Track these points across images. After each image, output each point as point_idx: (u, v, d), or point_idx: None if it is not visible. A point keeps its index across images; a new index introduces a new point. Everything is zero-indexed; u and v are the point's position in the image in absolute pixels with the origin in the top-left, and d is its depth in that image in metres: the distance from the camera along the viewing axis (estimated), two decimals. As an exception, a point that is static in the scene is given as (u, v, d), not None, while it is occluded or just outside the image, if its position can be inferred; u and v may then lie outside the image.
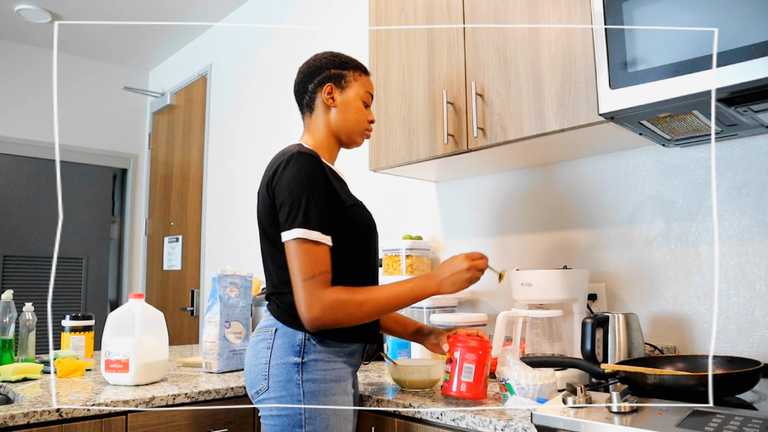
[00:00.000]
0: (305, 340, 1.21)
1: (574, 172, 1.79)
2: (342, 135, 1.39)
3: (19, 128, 3.88)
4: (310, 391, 1.19)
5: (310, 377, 1.20)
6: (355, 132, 1.39)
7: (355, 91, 1.39)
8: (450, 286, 1.23)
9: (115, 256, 4.41)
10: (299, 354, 1.21)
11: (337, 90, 1.38)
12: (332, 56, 1.42)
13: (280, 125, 3.05)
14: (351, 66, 1.41)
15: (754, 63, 1.02)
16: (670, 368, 1.24)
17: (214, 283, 1.78)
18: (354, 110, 1.38)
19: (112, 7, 3.40)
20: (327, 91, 1.37)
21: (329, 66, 1.39)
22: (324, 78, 1.38)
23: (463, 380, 1.23)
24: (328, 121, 1.38)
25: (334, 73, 1.39)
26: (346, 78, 1.39)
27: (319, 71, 1.39)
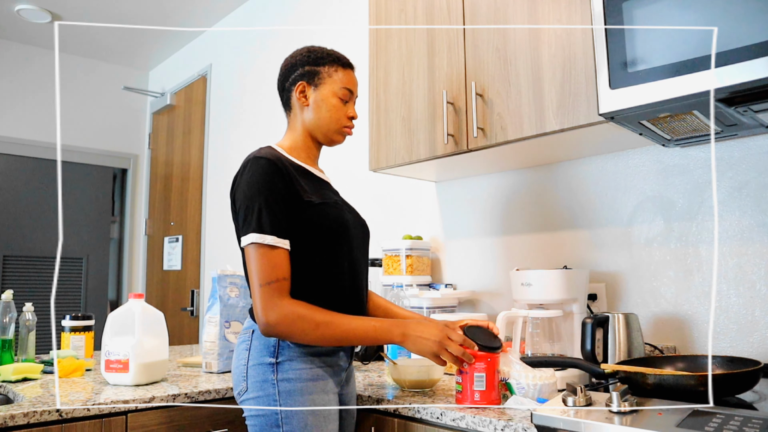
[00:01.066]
0: (279, 340, 1.21)
1: (574, 172, 1.79)
2: (318, 134, 1.36)
3: (19, 128, 3.88)
4: (286, 390, 1.19)
5: (285, 377, 1.20)
6: (331, 130, 1.35)
7: (329, 88, 1.34)
8: (412, 345, 1.18)
9: (115, 256, 4.41)
10: (274, 354, 1.21)
11: (310, 88, 1.34)
12: (308, 52, 1.37)
13: (279, 125, 3.05)
14: (326, 61, 1.35)
15: (754, 63, 1.02)
16: (670, 368, 1.24)
17: (214, 283, 1.78)
18: (328, 108, 1.33)
19: (113, 6, 3.40)
20: (299, 89, 1.34)
21: (303, 63, 1.35)
22: (297, 76, 1.35)
23: (475, 390, 1.23)
24: (303, 121, 1.35)
25: (307, 71, 1.34)
26: (320, 75, 1.34)
27: (294, 69, 1.36)
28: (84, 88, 4.18)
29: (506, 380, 1.28)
